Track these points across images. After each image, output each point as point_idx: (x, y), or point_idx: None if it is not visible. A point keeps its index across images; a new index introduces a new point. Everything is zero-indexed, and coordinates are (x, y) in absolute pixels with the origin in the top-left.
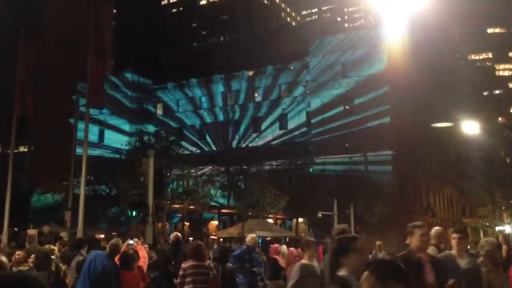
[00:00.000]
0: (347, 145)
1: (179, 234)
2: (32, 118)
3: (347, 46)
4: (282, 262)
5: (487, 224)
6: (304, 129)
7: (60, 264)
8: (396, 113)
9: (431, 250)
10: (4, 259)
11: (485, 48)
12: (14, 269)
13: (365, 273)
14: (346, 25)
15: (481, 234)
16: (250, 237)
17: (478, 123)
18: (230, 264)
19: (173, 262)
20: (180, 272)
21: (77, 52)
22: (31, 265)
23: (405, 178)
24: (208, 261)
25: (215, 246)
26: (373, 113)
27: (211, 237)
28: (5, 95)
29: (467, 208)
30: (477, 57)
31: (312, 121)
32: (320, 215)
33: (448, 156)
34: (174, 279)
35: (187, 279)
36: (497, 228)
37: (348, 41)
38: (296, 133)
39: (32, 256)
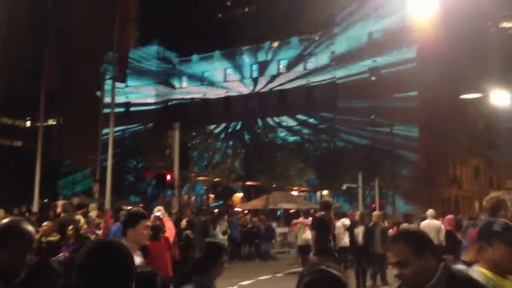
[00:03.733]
0: (373, 116)
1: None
2: (61, 91)
3: (374, 15)
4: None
5: None
6: (330, 101)
7: (88, 234)
8: (424, 83)
9: None
10: (31, 228)
11: None
12: (44, 239)
13: (397, 245)
14: None
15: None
16: None
17: (509, 93)
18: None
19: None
20: None
21: (105, 25)
22: (71, 233)
23: (432, 150)
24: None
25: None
26: (401, 84)
27: (236, 209)
28: (34, 69)
29: (494, 180)
30: (509, 25)
31: (339, 92)
32: (345, 187)
33: (477, 127)
34: None
35: None
36: None
37: (375, 10)
38: (323, 105)
39: (71, 227)
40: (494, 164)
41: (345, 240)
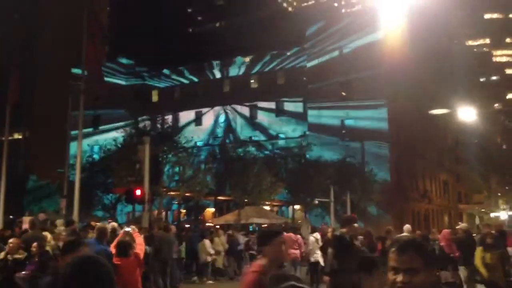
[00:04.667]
0: (343, 131)
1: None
2: (28, 104)
3: (345, 32)
4: (449, 249)
5: (483, 210)
6: (301, 117)
7: (56, 251)
8: (393, 99)
9: None
10: None
11: (482, 33)
12: (10, 257)
13: (408, 252)
14: (343, 10)
15: (477, 220)
16: None
17: (475, 109)
18: None
19: None
20: None
21: (73, 38)
22: (34, 251)
23: (402, 165)
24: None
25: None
26: (370, 100)
27: (207, 224)
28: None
29: (463, 194)
30: (474, 43)
31: (309, 109)
32: (316, 202)
33: (445, 142)
34: None
35: None
36: (492, 215)
37: (345, 27)
38: (293, 120)
39: (35, 244)
40: (462, 178)
41: (318, 255)
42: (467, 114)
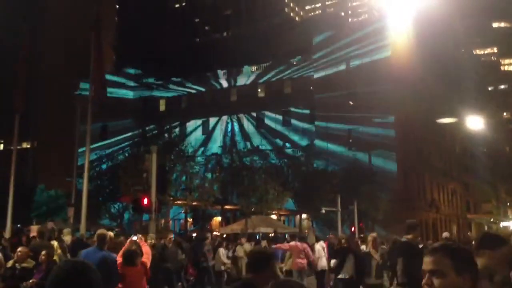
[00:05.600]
0: (350, 140)
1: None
2: (35, 114)
3: (351, 41)
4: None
5: (492, 220)
6: (308, 126)
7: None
8: (401, 108)
9: None
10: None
11: (490, 42)
12: (18, 266)
13: (438, 253)
14: (350, 20)
15: (486, 230)
16: None
17: (483, 118)
18: None
19: None
20: None
21: (81, 48)
22: (42, 258)
23: (409, 174)
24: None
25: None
26: (378, 109)
27: (214, 233)
28: (8, 91)
29: (471, 203)
30: (482, 52)
31: (316, 117)
32: (323, 211)
33: (453, 151)
34: None
35: None
36: (501, 224)
37: (352, 37)
38: (300, 129)
39: (43, 252)
40: (470, 188)
41: (324, 262)
42: (475, 123)
